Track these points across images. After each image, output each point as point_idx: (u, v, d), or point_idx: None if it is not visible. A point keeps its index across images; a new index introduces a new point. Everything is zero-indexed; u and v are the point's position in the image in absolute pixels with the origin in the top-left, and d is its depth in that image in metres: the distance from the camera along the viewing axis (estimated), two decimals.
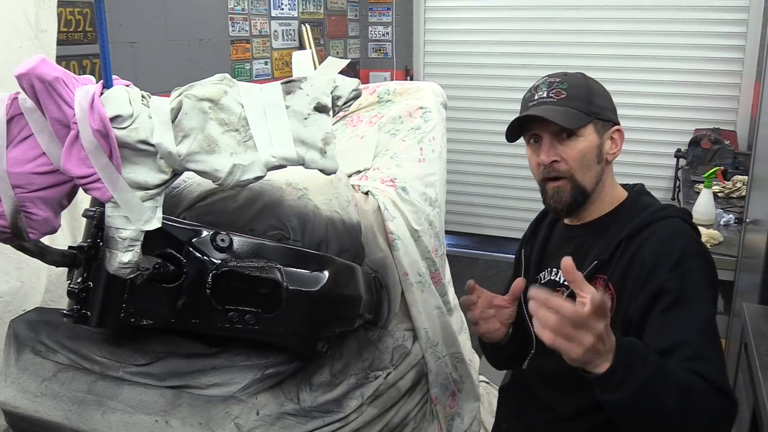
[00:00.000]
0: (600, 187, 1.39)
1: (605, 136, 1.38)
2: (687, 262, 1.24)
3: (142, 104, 1.13)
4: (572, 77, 1.39)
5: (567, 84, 1.36)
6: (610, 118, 1.39)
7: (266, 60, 4.23)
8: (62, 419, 1.31)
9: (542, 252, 1.52)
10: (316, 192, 1.50)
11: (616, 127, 1.40)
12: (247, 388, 1.33)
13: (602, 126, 1.37)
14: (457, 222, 5.30)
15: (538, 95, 1.36)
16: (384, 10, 5.28)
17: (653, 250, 1.27)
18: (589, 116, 1.34)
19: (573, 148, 1.34)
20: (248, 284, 1.28)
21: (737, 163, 3.74)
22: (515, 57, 4.97)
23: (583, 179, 1.35)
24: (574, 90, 1.35)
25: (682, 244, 1.26)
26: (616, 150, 1.40)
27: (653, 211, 1.35)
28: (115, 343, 1.37)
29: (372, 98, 2.04)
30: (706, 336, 1.18)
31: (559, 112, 1.32)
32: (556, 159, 1.34)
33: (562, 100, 1.34)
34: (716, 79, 4.51)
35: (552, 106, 1.34)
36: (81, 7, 2.87)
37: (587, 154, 1.34)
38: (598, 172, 1.37)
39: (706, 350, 1.16)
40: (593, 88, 1.39)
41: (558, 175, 1.36)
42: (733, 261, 2.49)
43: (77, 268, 1.29)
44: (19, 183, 1.13)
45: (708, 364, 1.14)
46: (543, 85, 1.38)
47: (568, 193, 1.36)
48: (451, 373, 1.79)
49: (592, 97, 1.36)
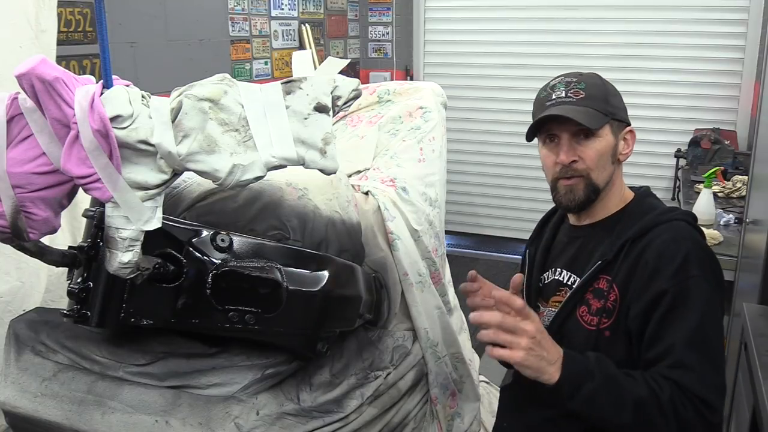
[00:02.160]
0: (610, 186, 1.39)
1: (620, 136, 1.39)
2: (689, 268, 1.24)
3: (142, 104, 1.13)
4: (588, 77, 1.39)
5: (585, 84, 1.36)
6: (624, 118, 1.40)
7: (266, 60, 4.23)
8: (62, 419, 1.31)
9: (547, 252, 1.52)
10: (316, 192, 1.50)
11: (629, 128, 1.41)
12: (247, 388, 1.33)
13: (617, 126, 1.38)
14: (457, 222, 5.30)
15: (556, 95, 1.36)
16: (384, 10, 5.28)
17: (657, 253, 1.27)
18: (607, 116, 1.35)
19: (591, 148, 1.34)
20: (248, 284, 1.28)
21: (737, 163, 3.74)
22: (515, 57, 4.97)
23: (598, 178, 1.36)
24: (592, 90, 1.35)
25: (686, 248, 1.26)
26: (628, 150, 1.41)
27: (658, 213, 1.35)
28: (115, 343, 1.37)
29: (372, 98, 2.04)
30: (692, 345, 1.19)
31: (580, 112, 1.32)
32: (575, 159, 1.35)
33: (582, 100, 1.34)
34: (716, 79, 4.51)
35: (572, 106, 1.34)
36: (81, 7, 2.87)
37: (604, 154, 1.35)
38: (612, 172, 1.38)
39: (688, 359, 1.18)
40: (609, 88, 1.39)
41: (573, 174, 1.36)
42: (733, 261, 2.49)
43: (77, 268, 1.29)
44: (19, 183, 1.13)
45: (686, 373, 1.17)
46: (560, 85, 1.37)
47: (582, 191, 1.36)
48: (451, 373, 1.79)
49: (608, 97, 1.37)
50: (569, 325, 1.36)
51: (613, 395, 1.16)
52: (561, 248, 1.49)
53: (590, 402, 1.16)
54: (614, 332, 1.29)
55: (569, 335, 1.32)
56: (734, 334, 2.34)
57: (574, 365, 1.17)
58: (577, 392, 1.16)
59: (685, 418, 1.15)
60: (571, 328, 1.35)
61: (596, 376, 1.17)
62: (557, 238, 1.52)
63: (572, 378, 1.16)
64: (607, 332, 1.30)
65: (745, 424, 1.76)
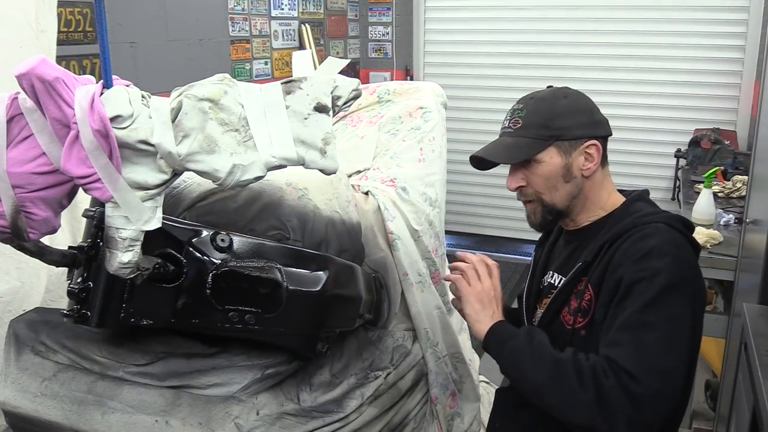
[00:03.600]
0: (580, 201, 1.40)
1: (574, 154, 1.37)
2: (648, 260, 1.24)
3: (142, 104, 1.13)
4: (536, 101, 1.39)
5: (525, 111, 1.39)
6: (578, 135, 1.36)
7: (266, 60, 4.23)
8: (62, 419, 1.31)
9: (549, 255, 1.54)
10: (316, 192, 1.50)
11: (591, 142, 1.37)
12: (247, 388, 1.33)
13: (569, 145, 1.36)
14: (457, 222, 5.30)
15: (504, 125, 1.43)
16: (384, 10, 5.28)
17: (623, 250, 1.28)
18: (547, 141, 1.36)
19: (534, 174, 1.38)
20: (248, 284, 1.28)
21: (737, 163, 3.74)
22: (515, 57, 4.97)
23: (552, 199, 1.40)
24: (531, 117, 1.37)
25: (652, 243, 1.26)
26: (592, 165, 1.38)
27: (638, 216, 1.35)
28: (115, 343, 1.37)
29: (372, 98, 2.04)
30: (628, 328, 1.21)
31: (507, 146, 1.39)
32: (522, 184, 1.41)
33: (518, 130, 1.38)
34: (716, 79, 4.51)
35: (507, 138, 1.40)
36: (81, 7, 2.87)
37: (551, 177, 1.37)
38: (571, 189, 1.39)
39: (619, 339, 1.20)
40: (556, 109, 1.37)
41: (527, 198, 1.43)
42: (733, 261, 2.49)
43: (77, 268, 1.29)
44: (19, 183, 1.13)
45: (617, 349, 1.19)
46: (508, 113, 1.43)
47: (539, 213, 1.43)
48: (451, 373, 1.80)
49: (551, 121, 1.36)
50: (554, 325, 1.38)
51: (534, 354, 1.26)
52: (558, 252, 1.52)
53: (512, 358, 1.28)
54: (589, 331, 1.31)
55: (553, 335, 1.33)
56: (734, 334, 2.34)
57: (503, 327, 1.34)
58: (502, 348, 1.30)
59: (605, 384, 1.16)
60: (555, 328, 1.37)
61: (521, 337, 1.30)
62: (558, 242, 1.54)
63: (498, 337, 1.32)
64: (583, 331, 1.32)
65: (745, 424, 1.76)
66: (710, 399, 2.80)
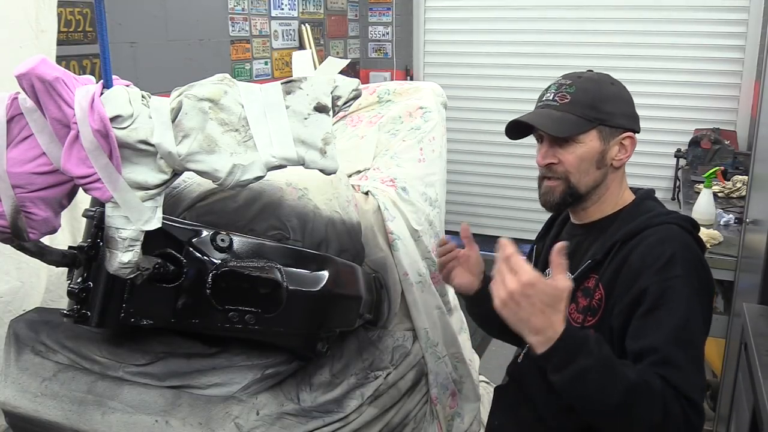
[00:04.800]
0: (600, 190, 1.39)
1: (612, 142, 1.37)
2: (672, 268, 1.24)
3: (142, 104, 1.13)
4: (584, 80, 1.38)
5: (575, 88, 1.36)
6: (621, 124, 1.37)
7: (266, 60, 4.22)
8: (62, 419, 1.31)
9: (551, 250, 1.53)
10: (316, 192, 1.50)
11: (627, 134, 1.39)
12: (247, 388, 1.33)
13: (609, 132, 1.36)
14: (457, 222, 5.26)
15: (546, 97, 1.38)
16: (384, 10, 5.28)
17: (641, 254, 1.27)
18: (592, 122, 1.34)
19: (571, 153, 1.35)
20: (248, 284, 1.28)
21: (737, 163, 3.74)
22: (515, 57, 4.96)
23: (578, 182, 1.37)
24: (581, 95, 1.35)
25: (671, 249, 1.26)
26: (624, 156, 1.39)
27: (651, 216, 1.35)
28: (115, 343, 1.37)
29: (372, 98, 2.04)
30: (678, 344, 1.18)
31: (554, 119, 1.33)
32: (553, 161, 1.37)
33: (565, 105, 1.35)
34: (716, 79, 4.50)
35: (552, 110, 1.35)
36: (81, 7, 2.87)
37: (585, 160, 1.35)
38: (598, 176, 1.38)
39: (675, 358, 1.17)
40: (605, 92, 1.37)
41: (553, 176, 1.38)
42: (733, 261, 2.49)
43: (77, 268, 1.29)
44: (19, 183, 1.13)
45: (675, 371, 1.16)
46: (553, 86, 1.39)
47: (559, 193, 1.38)
48: (451, 373, 1.80)
49: (599, 103, 1.35)
50: None
51: (606, 375, 1.13)
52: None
53: (580, 378, 1.12)
54: (598, 330, 1.29)
55: None
56: (734, 334, 2.34)
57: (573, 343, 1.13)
58: (565, 366, 1.12)
59: (672, 413, 1.14)
60: None
61: (594, 353, 1.13)
62: (561, 236, 1.53)
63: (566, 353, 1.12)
64: (591, 331, 1.30)
65: (745, 424, 1.76)
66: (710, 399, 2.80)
